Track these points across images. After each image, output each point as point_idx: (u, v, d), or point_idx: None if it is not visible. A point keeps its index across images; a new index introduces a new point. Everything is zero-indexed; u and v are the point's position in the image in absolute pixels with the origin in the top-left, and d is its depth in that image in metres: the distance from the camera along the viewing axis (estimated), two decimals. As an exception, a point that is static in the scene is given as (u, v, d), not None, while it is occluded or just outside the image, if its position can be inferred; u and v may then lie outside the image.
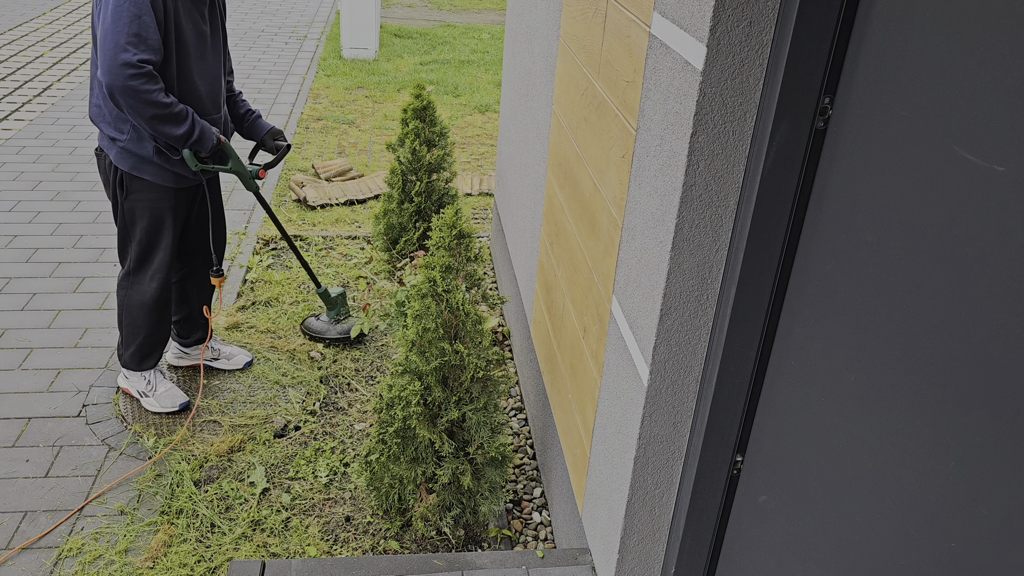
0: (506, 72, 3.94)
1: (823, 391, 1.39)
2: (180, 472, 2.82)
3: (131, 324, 3.00)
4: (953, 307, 1.08)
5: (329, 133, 6.33)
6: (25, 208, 4.68)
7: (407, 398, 2.36)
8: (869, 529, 1.28)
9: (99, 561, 2.48)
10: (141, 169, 2.73)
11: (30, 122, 5.97)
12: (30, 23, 8.74)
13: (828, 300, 1.37)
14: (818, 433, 1.41)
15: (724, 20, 1.35)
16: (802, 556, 1.48)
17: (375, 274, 4.21)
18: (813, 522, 1.43)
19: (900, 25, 1.19)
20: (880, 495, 1.24)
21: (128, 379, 3.14)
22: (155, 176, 2.75)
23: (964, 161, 1.05)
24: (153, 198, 2.79)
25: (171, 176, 2.78)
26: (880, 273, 1.23)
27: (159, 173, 2.75)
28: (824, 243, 1.38)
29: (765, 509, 1.62)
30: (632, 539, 1.91)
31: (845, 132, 1.32)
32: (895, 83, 1.19)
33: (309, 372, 3.42)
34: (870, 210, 1.25)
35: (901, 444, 1.19)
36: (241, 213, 4.81)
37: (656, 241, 1.62)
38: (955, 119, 1.07)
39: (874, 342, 1.24)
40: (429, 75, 7.95)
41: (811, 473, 1.43)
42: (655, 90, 1.61)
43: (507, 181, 3.85)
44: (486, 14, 11.41)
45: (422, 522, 2.50)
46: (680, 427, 1.77)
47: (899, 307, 1.18)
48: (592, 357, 2.13)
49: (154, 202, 2.80)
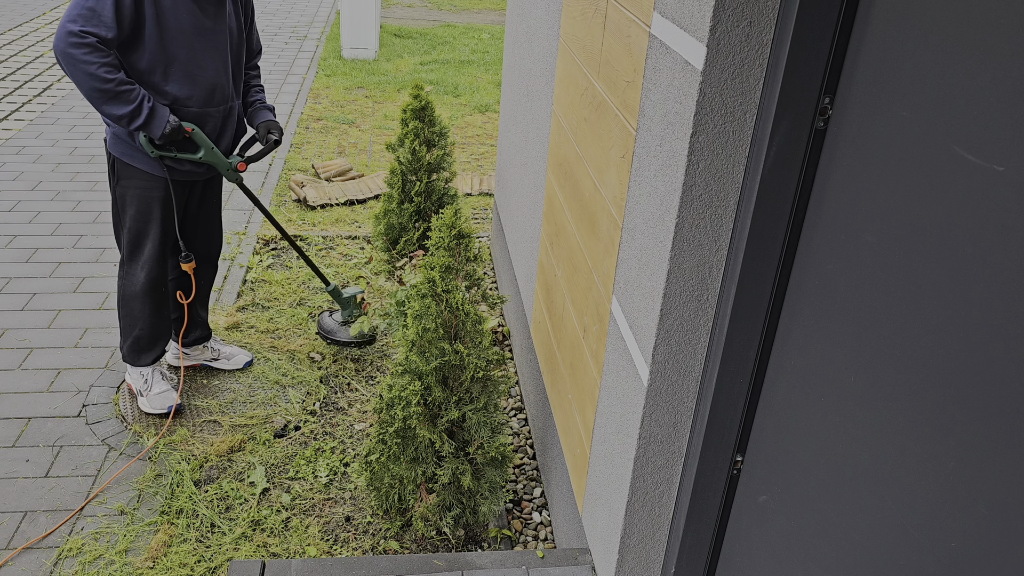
0: (506, 72, 3.94)
1: (823, 391, 1.39)
2: (180, 472, 2.82)
3: (127, 316, 3.00)
4: (953, 307, 1.08)
5: (329, 133, 6.33)
6: (25, 208, 4.68)
7: (407, 398, 2.36)
8: (869, 529, 1.28)
9: (99, 561, 2.48)
10: (132, 156, 2.73)
11: (30, 122, 5.97)
12: (30, 23, 8.73)
13: (828, 300, 1.37)
14: (818, 433, 1.41)
15: (724, 20, 1.35)
16: (802, 556, 1.48)
17: (375, 274, 4.21)
18: (813, 522, 1.44)
19: (900, 25, 1.19)
20: (880, 495, 1.24)
21: (129, 374, 3.14)
22: (146, 164, 2.75)
23: (964, 161, 1.05)
24: (143, 186, 2.79)
25: (163, 166, 2.77)
26: (880, 273, 1.23)
27: (150, 162, 2.75)
28: (824, 243, 1.39)
29: (765, 509, 1.62)
30: (632, 539, 1.91)
31: (845, 132, 1.32)
32: (895, 83, 1.19)
33: (309, 372, 3.42)
34: (870, 210, 1.25)
35: (901, 444, 1.19)
36: (241, 213, 4.81)
37: (656, 241, 1.62)
38: (955, 119, 1.07)
39: (874, 342, 1.24)
40: (429, 75, 7.95)
41: (811, 473, 1.43)
42: (655, 90, 1.61)
43: (507, 181, 3.85)
44: (486, 14, 11.41)
45: (422, 522, 2.50)
46: (680, 427, 1.77)
47: (899, 307, 1.18)
48: (592, 357, 2.13)
49: (144, 191, 2.79)
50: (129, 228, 2.86)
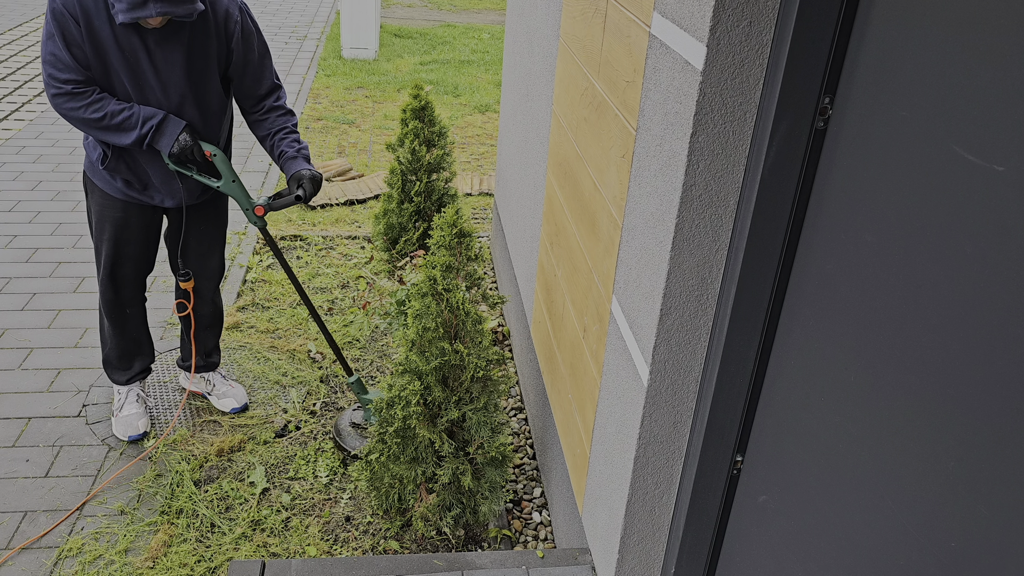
0: (506, 72, 3.94)
1: (823, 391, 1.39)
2: (180, 472, 2.82)
3: (100, 332, 2.96)
4: (953, 306, 1.08)
5: (329, 133, 6.33)
6: (25, 208, 4.68)
7: (407, 398, 2.36)
8: (869, 528, 1.28)
9: (99, 561, 2.48)
10: (93, 171, 2.66)
11: (30, 122, 5.97)
12: (30, 23, 8.74)
13: (828, 300, 1.37)
14: (818, 433, 1.41)
15: (724, 20, 1.35)
16: (802, 556, 1.48)
17: (375, 274, 4.21)
18: (813, 522, 1.44)
19: (900, 25, 1.19)
20: (880, 494, 1.24)
21: None
22: (102, 183, 2.65)
23: (964, 161, 1.05)
24: (101, 204, 2.68)
25: (116, 188, 2.64)
26: (880, 273, 1.23)
27: (106, 181, 2.64)
28: (824, 243, 1.39)
29: (766, 509, 1.62)
30: (632, 539, 1.91)
31: (845, 132, 1.32)
32: (895, 83, 1.19)
33: (309, 372, 3.42)
34: (870, 210, 1.25)
35: (901, 444, 1.19)
36: (241, 213, 4.81)
37: (656, 241, 1.62)
38: (955, 119, 1.07)
39: (875, 342, 1.24)
40: (429, 75, 7.95)
41: (811, 473, 1.43)
42: (655, 90, 1.61)
43: (507, 181, 3.85)
44: (486, 14, 11.41)
45: (422, 522, 2.50)
46: (680, 427, 1.77)
47: (899, 307, 1.18)
48: (592, 357, 2.13)
49: (101, 208, 2.68)
50: (94, 240, 2.77)
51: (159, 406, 3.18)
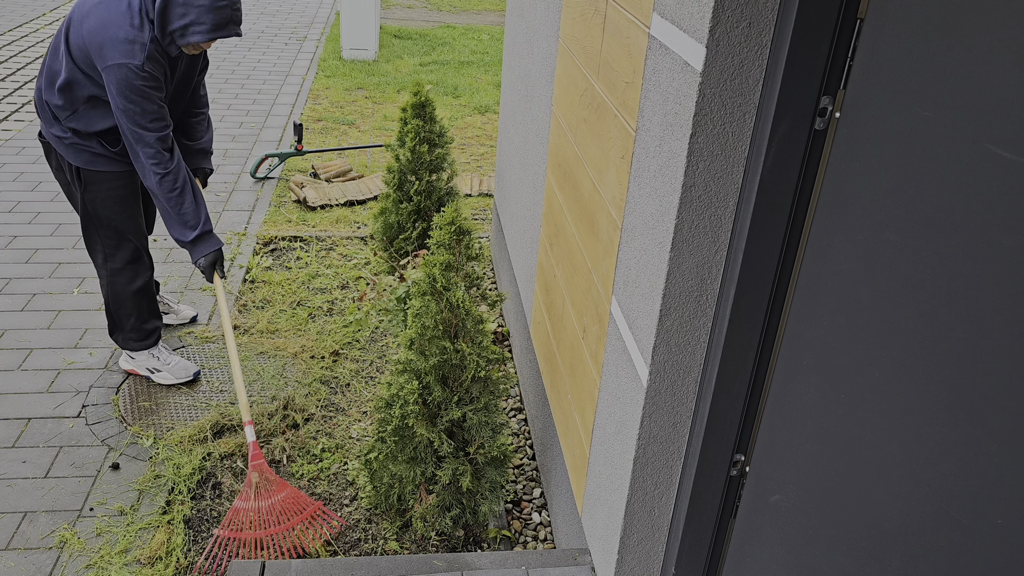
0: (506, 73, 3.94)
1: (844, 388, 1.36)
2: (179, 472, 2.82)
3: (120, 310, 3.07)
4: (990, 300, 1.07)
5: (329, 134, 6.33)
6: (25, 208, 4.68)
7: (405, 397, 2.36)
8: (901, 518, 1.28)
9: (99, 561, 2.48)
10: (95, 162, 2.75)
11: (30, 123, 5.97)
12: (30, 23, 8.74)
13: (846, 299, 1.36)
14: (840, 429, 1.38)
15: (723, 21, 1.36)
16: (826, 549, 1.48)
17: (375, 274, 4.21)
18: (838, 517, 1.42)
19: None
20: (914, 482, 1.23)
21: (134, 359, 3.20)
22: (111, 165, 2.78)
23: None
24: (116, 185, 2.83)
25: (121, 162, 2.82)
26: (906, 270, 1.21)
27: (113, 161, 2.78)
28: (839, 242, 1.36)
29: (779, 508, 1.62)
30: (632, 539, 1.91)
31: (844, 132, 1.33)
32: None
33: (309, 372, 3.43)
34: (892, 208, 1.25)
35: (935, 433, 1.18)
36: (241, 214, 4.81)
37: (655, 242, 1.63)
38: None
39: (902, 338, 1.22)
40: (429, 76, 7.95)
41: (833, 469, 1.41)
42: (654, 91, 1.62)
43: (507, 182, 3.85)
44: (486, 15, 11.42)
45: (422, 522, 2.50)
46: (680, 427, 1.77)
47: (929, 303, 1.15)
48: (591, 358, 2.13)
49: (117, 189, 2.83)
50: (111, 228, 2.89)
51: (159, 406, 3.18)
